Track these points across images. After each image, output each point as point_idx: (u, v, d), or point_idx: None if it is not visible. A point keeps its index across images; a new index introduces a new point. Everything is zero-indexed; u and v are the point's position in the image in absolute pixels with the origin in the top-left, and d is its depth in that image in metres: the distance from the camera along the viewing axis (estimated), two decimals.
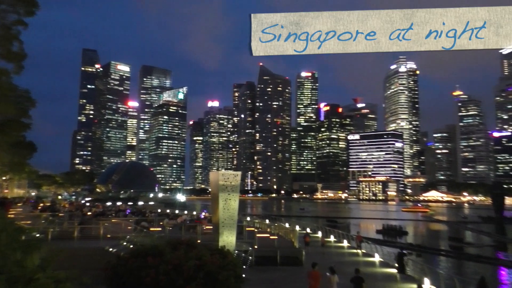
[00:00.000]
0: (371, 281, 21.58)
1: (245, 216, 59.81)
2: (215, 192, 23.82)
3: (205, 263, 12.12)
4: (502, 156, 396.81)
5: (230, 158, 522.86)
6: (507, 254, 54.93)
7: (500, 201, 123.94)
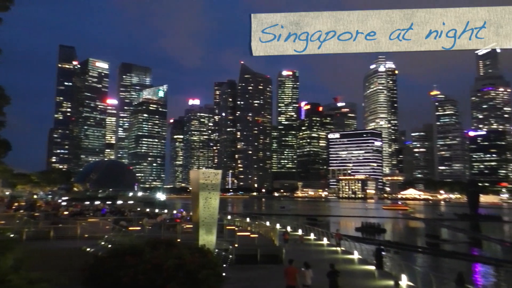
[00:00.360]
0: (350, 278, 21.85)
1: (225, 215, 59.70)
2: (196, 191, 23.70)
3: (185, 262, 12.04)
4: (477, 155, 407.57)
5: (211, 157, 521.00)
6: (481, 251, 56.48)
7: (475, 199, 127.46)
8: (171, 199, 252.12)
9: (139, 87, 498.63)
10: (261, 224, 42.82)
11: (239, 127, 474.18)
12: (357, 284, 20.67)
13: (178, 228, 31.09)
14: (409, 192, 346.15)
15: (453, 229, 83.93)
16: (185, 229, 31.77)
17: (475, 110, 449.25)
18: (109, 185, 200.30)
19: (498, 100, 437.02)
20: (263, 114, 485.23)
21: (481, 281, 35.40)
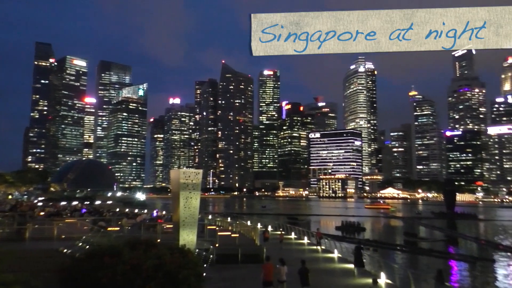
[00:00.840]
0: (330, 277, 22.03)
1: (206, 215, 59.45)
2: (176, 191, 23.46)
3: (164, 262, 11.91)
4: (453, 154, 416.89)
5: (192, 156, 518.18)
6: (458, 248, 57.79)
7: (452, 198, 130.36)
8: (151, 199, 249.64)
9: (118, 86, 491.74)
10: (242, 223, 42.77)
11: (220, 126, 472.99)
12: (337, 282, 20.84)
13: (158, 228, 30.75)
14: (388, 191, 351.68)
15: (430, 227, 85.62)
16: (165, 229, 31.46)
17: (452, 111, 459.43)
18: (87, 185, 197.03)
19: (474, 100, 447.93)
20: (244, 113, 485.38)
21: (457, 278, 36.20)
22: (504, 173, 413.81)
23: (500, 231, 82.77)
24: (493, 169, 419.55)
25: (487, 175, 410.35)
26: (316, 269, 24.19)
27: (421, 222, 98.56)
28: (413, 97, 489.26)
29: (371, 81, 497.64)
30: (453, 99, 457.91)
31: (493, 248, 55.00)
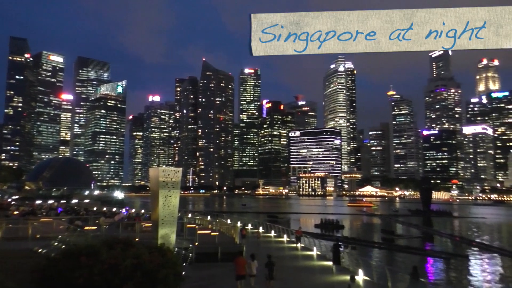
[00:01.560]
0: (308, 274, 22.23)
1: (186, 213, 59.11)
2: (155, 189, 23.26)
3: (143, 261, 11.77)
4: (430, 153, 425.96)
5: (172, 154, 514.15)
6: (433, 245, 59.09)
7: (428, 195, 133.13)
8: (130, 198, 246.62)
9: (96, 82, 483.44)
10: (222, 222, 42.76)
11: (201, 124, 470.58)
12: (315, 279, 21.04)
13: (137, 227, 30.38)
14: (366, 189, 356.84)
15: (407, 224, 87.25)
16: (144, 228, 31.13)
17: (429, 110, 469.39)
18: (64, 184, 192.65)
19: (450, 101, 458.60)
20: (225, 111, 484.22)
21: (433, 274, 37.03)
22: (478, 171, 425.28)
23: (474, 228, 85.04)
24: (467, 168, 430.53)
25: (461, 174, 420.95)
26: (295, 266, 24.40)
27: (398, 219, 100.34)
28: (392, 97, 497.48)
29: (351, 81, 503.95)
30: (430, 99, 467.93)
31: (467, 244, 56.47)
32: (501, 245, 57.40)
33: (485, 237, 67.09)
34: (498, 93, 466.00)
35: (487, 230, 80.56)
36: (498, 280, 35.10)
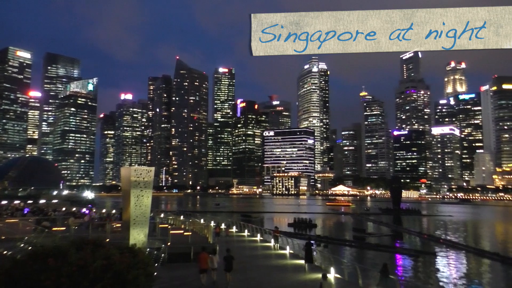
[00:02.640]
0: (281, 273, 22.37)
1: (158, 213, 58.45)
2: (127, 189, 22.90)
3: (113, 262, 11.54)
4: (400, 153, 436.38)
5: (144, 153, 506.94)
6: (403, 243, 60.57)
7: (398, 194, 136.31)
8: (101, 198, 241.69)
9: (66, 80, 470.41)
10: (195, 221, 42.49)
11: (174, 123, 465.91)
12: (288, 278, 21.19)
13: (108, 227, 29.80)
14: (338, 188, 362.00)
15: (377, 223, 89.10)
16: (115, 228, 30.57)
17: (399, 111, 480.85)
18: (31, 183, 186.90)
19: (419, 102, 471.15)
20: (199, 110, 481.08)
21: (402, 271, 37.95)
22: (445, 171, 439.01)
23: (441, 226, 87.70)
24: (435, 167, 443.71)
25: (430, 173, 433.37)
26: (268, 265, 24.52)
27: (369, 218, 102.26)
28: (364, 98, 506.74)
29: (324, 81, 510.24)
30: (400, 100, 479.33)
31: (434, 242, 58.16)
32: (466, 242, 59.42)
33: (452, 235, 69.31)
34: (465, 95, 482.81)
35: (454, 228, 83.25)
36: (463, 276, 36.33)
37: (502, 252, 47.01)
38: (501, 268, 39.92)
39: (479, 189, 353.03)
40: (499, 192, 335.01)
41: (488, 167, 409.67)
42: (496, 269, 39.77)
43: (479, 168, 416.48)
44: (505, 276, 37.15)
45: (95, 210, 60.05)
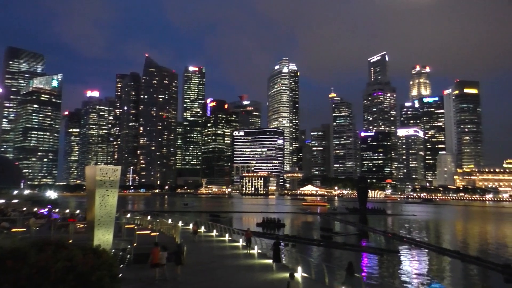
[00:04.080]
0: (248, 273, 22.41)
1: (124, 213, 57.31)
2: (91, 188, 22.35)
3: (76, 264, 11.26)
4: (367, 153, 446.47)
5: (111, 152, 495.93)
6: (368, 241, 61.96)
7: (364, 194, 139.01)
8: (65, 197, 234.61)
9: (29, 75, 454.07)
10: (163, 221, 41.92)
11: (142, 122, 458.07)
12: (256, 277, 21.25)
13: (71, 228, 28.93)
14: (307, 188, 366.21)
15: (344, 222, 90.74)
16: (78, 228, 29.73)
17: (366, 113, 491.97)
18: None
19: (386, 104, 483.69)
20: (168, 109, 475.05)
21: (367, 269, 38.82)
22: (409, 171, 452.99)
23: (405, 225, 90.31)
24: (400, 168, 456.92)
25: (395, 173, 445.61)
26: (236, 265, 24.52)
27: (336, 217, 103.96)
28: (332, 99, 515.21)
29: (294, 82, 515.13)
30: (367, 102, 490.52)
31: (398, 240, 59.82)
32: (429, 240, 61.45)
33: (415, 233, 71.51)
34: (429, 98, 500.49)
35: (417, 227, 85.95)
36: (425, 273, 37.55)
37: (461, 250, 48.92)
38: (461, 265, 41.52)
39: (441, 189, 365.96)
40: (459, 192, 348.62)
41: (449, 168, 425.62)
42: (456, 267, 41.33)
43: (441, 169, 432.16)
44: (464, 273, 38.67)
45: (57, 210, 58.22)
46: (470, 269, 39.67)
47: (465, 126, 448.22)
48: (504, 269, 36.27)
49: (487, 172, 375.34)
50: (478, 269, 39.32)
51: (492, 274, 36.91)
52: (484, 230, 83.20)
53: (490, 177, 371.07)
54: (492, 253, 49.59)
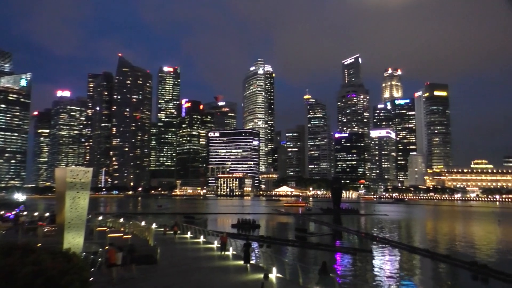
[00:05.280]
0: (223, 274, 22.36)
1: (96, 216, 56.16)
2: (62, 190, 21.81)
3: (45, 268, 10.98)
4: (341, 154, 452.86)
5: (82, 153, 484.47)
6: (342, 241, 62.84)
7: (338, 195, 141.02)
8: (34, 200, 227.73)
9: None
10: (136, 224, 41.27)
11: (115, 122, 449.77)
12: (230, 279, 21.21)
13: (39, 231, 28.11)
14: (282, 189, 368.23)
15: (319, 222, 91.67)
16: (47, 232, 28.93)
17: (340, 114, 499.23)
18: None
19: (359, 106, 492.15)
20: (142, 110, 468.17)
21: (341, 269, 39.35)
22: (382, 172, 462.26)
23: (377, 224, 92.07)
24: (373, 169, 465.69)
25: (368, 174, 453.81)
26: (210, 267, 24.41)
27: (310, 218, 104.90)
28: (307, 100, 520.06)
29: (270, 83, 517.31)
30: (341, 103, 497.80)
31: (371, 240, 60.91)
32: (400, 239, 62.84)
33: (387, 233, 73.00)
34: (401, 101, 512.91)
35: (389, 226, 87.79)
36: (397, 271, 38.38)
37: (431, 248, 50.25)
38: (431, 263, 42.64)
39: (412, 189, 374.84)
40: (429, 192, 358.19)
41: (420, 168, 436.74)
42: (426, 265, 42.42)
43: (412, 170, 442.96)
44: (434, 271, 39.74)
45: (26, 213, 56.46)
46: (440, 267, 40.79)
47: (435, 127, 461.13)
48: (472, 267, 37.47)
49: (455, 173, 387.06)
50: (447, 266, 40.47)
51: (460, 272, 38.07)
52: (453, 229, 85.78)
53: (458, 177, 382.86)
54: (460, 251, 51.15)
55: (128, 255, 21.41)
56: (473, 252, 50.48)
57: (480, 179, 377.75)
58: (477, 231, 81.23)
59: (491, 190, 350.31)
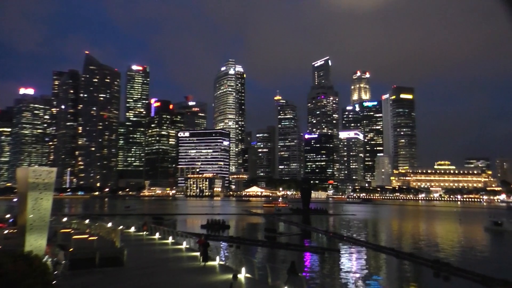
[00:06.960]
0: (192, 275, 22.18)
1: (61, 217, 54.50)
2: (23, 191, 21.02)
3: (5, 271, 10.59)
4: (310, 155, 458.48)
5: (46, 153, 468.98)
6: (311, 241, 63.60)
7: (307, 195, 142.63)
8: None
9: None
10: (102, 225, 40.30)
11: (81, 121, 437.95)
12: (198, 280, 21.07)
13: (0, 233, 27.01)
14: (252, 190, 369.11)
15: (288, 222, 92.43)
16: (8, 234, 27.82)
17: (310, 116, 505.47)
18: None
19: (329, 107, 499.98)
20: (110, 109, 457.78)
21: (309, 268, 39.82)
22: (350, 172, 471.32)
23: (345, 224, 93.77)
24: (342, 169, 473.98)
25: (337, 175, 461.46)
26: (179, 268, 24.19)
27: (280, 218, 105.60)
28: (278, 102, 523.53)
29: (240, 84, 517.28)
30: (311, 105, 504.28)
31: (339, 239, 61.97)
32: (367, 239, 64.24)
33: (354, 232, 74.45)
34: (369, 103, 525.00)
35: (356, 226, 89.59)
36: (363, 270, 39.22)
37: (396, 247, 51.64)
38: (396, 261, 43.82)
39: (378, 189, 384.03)
40: (395, 192, 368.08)
41: (386, 169, 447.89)
42: (391, 263, 43.57)
43: (379, 170, 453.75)
44: (399, 269, 40.89)
45: (7, 216, 54.09)
46: (404, 264, 41.99)
47: (401, 129, 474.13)
48: (434, 264, 38.78)
49: (420, 173, 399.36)
50: (411, 264, 41.71)
51: (423, 269, 39.29)
52: (417, 228, 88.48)
53: (422, 177, 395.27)
54: (424, 249, 52.81)
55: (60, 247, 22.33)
56: (436, 250, 52.21)
57: (443, 179, 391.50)
58: (440, 230, 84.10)
59: (453, 190, 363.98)
